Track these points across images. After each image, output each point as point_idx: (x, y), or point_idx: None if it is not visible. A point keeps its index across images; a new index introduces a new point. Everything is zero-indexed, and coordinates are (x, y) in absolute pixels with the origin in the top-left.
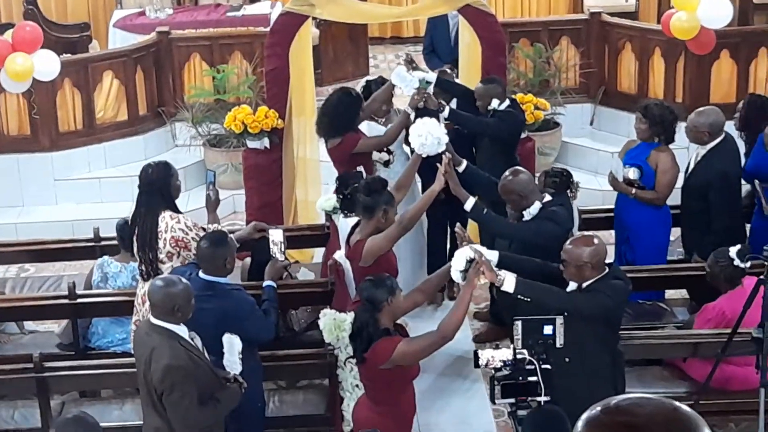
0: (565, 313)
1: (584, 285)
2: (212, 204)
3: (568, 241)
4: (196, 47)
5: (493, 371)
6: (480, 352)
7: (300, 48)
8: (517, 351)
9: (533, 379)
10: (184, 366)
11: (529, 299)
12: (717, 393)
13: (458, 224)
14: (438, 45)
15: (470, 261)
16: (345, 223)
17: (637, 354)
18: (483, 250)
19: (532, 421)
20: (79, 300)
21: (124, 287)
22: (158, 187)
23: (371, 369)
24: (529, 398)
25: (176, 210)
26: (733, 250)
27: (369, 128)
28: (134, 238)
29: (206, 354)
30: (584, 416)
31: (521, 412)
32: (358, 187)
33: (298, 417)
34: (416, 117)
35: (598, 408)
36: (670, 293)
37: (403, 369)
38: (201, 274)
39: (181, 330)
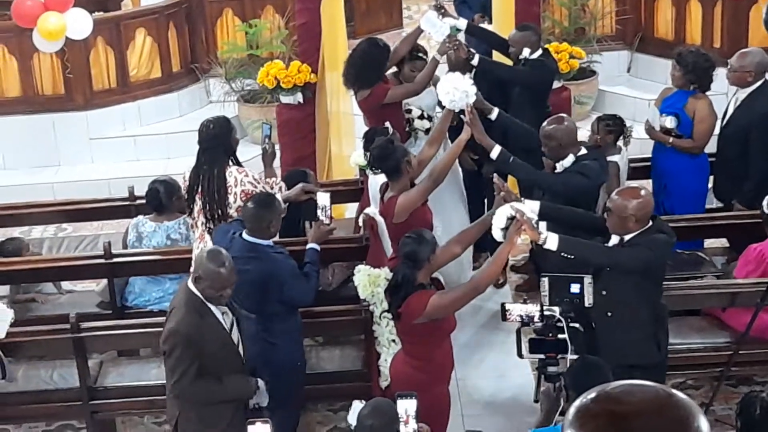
0: (608, 268)
1: (626, 238)
2: (269, 157)
3: (615, 192)
4: (228, 2)
5: (519, 324)
6: (507, 305)
7: (332, 0)
8: (546, 308)
9: (563, 336)
10: (187, 333)
11: (572, 256)
12: (757, 342)
13: (496, 175)
14: None
15: (511, 219)
16: (374, 180)
17: (675, 304)
18: (524, 205)
19: (574, 372)
20: (115, 259)
21: (159, 246)
22: (221, 141)
23: (407, 323)
24: (559, 356)
25: (239, 164)
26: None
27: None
28: (195, 196)
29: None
30: (575, 404)
31: (551, 369)
32: (370, 155)
33: (336, 373)
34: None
35: (591, 395)
36: (709, 242)
37: (439, 322)
38: (245, 235)
39: (209, 304)
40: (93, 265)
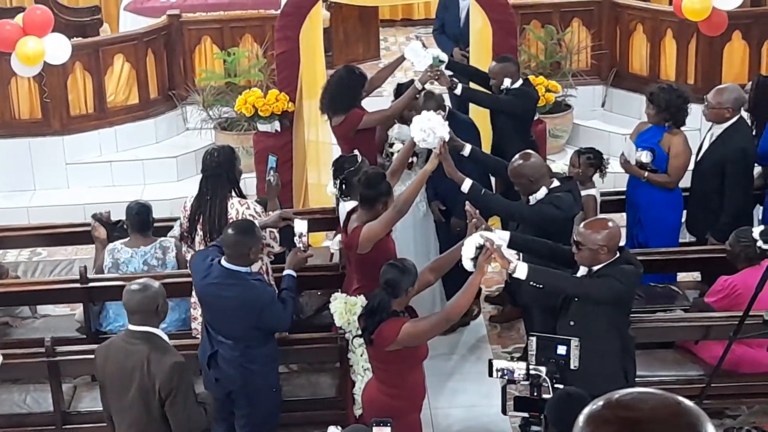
0: (576, 299)
1: (595, 269)
2: (273, 190)
3: (582, 224)
4: (207, 30)
5: (505, 381)
6: (495, 362)
7: (311, 30)
8: (532, 367)
9: (547, 396)
10: (185, 363)
11: (541, 286)
12: (729, 376)
13: (468, 202)
14: (447, 26)
15: (480, 248)
16: (343, 207)
17: (648, 337)
18: (493, 234)
19: (555, 403)
20: (91, 284)
21: (135, 272)
22: (225, 170)
23: (379, 350)
24: (542, 415)
25: (241, 194)
26: (756, 231)
27: (399, 130)
28: (198, 224)
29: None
30: (585, 411)
31: (534, 428)
32: (358, 178)
33: (309, 400)
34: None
35: (600, 403)
36: (681, 276)
37: (411, 350)
38: (223, 262)
39: (161, 333)
40: (69, 289)
